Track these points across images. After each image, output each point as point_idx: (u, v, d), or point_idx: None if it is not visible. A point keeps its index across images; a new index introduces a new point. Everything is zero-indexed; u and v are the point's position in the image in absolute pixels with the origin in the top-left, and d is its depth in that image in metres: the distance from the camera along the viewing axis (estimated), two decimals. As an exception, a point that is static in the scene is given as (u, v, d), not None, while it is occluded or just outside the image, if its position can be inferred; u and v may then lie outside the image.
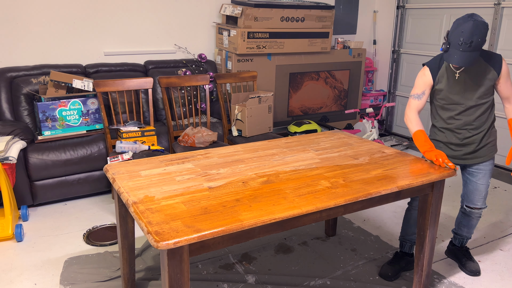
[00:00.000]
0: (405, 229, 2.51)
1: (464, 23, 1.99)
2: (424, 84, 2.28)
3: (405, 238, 2.54)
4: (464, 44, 1.99)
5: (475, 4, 4.20)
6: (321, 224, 3.09)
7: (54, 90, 3.37)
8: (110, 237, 2.87)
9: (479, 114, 2.26)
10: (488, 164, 2.37)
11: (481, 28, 1.98)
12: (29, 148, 3.11)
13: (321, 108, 4.86)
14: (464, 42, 1.98)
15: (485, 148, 2.33)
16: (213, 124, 3.80)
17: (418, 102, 2.28)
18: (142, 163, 2.14)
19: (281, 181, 1.93)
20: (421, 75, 2.30)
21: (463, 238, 2.63)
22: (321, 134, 2.71)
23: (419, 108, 2.28)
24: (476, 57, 2.02)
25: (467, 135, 2.30)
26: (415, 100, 2.29)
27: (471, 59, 2.02)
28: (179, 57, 4.28)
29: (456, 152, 2.36)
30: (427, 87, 2.28)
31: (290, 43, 4.28)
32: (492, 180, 3.99)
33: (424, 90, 2.28)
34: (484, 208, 2.61)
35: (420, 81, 2.29)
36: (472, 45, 1.99)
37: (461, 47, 2.00)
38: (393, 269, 2.49)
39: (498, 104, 4.13)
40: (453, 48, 2.04)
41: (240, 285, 2.39)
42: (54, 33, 3.70)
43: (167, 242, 1.42)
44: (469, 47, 1.99)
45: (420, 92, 2.28)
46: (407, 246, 2.54)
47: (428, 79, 2.27)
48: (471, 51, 2.00)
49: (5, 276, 2.44)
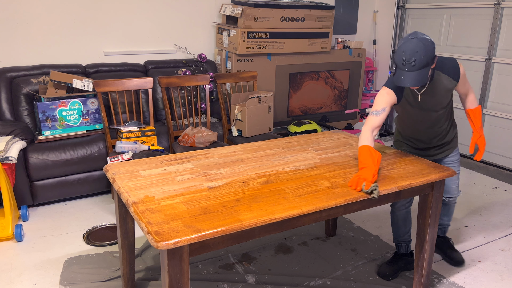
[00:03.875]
0: (396, 231, 2.53)
1: (406, 42, 1.94)
2: (386, 102, 2.13)
3: (398, 240, 2.55)
4: (408, 64, 1.92)
5: (475, 4, 4.21)
6: (321, 224, 3.09)
7: (54, 90, 3.36)
8: (110, 237, 2.87)
9: (443, 119, 2.30)
10: (455, 154, 2.46)
11: (422, 46, 1.90)
12: (29, 148, 3.11)
13: (321, 108, 4.85)
14: (407, 61, 1.92)
15: (450, 141, 2.41)
16: (213, 124, 3.80)
17: (376, 119, 2.11)
18: (142, 163, 2.14)
19: (281, 181, 1.93)
20: (383, 94, 2.15)
21: (444, 227, 2.71)
22: (321, 134, 2.71)
23: (376, 125, 2.10)
24: (425, 75, 1.93)
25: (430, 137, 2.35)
26: (373, 116, 2.12)
27: (419, 78, 1.93)
28: (179, 57, 4.28)
29: (424, 151, 2.43)
30: (388, 105, 2.13)
31: (290, 43, 4.28)
32: (492, 180, 4.00)
33: (385, 107, 2.12)
34: (459, 194, 2.83)
35: (382, 98, 2.14)
36: (416, 64, 1.91)
37: (406, 67, 1.93)
38: (391, 269, 2.49)
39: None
40: (398, 70, 1.98)
41: (240, 285, 2.39)
42: (54, 33, 3.70)
43: (167, 242, 1.42)
44: (413, 66, 1.92)
45: (380, 108, 2.12)
46: (402, 246, 2.55)
47: (392, 98, 2.14)
48: (416, 70, 1.92)
49: (5, 276, 2.44)
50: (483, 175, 4.13)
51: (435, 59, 1.99)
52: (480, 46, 4.23)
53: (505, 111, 4.08)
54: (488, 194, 3.70)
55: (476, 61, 4.28)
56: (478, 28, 4.23)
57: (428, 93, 2.17)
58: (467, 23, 4.34)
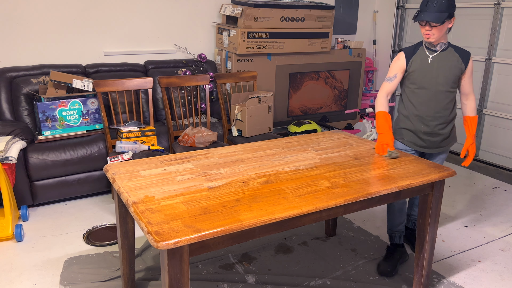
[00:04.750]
0: (391, 221, 2.58)
1: None
2: (397, 68, 2.43)
3: (393, 231, 2.60)
4: (430, 5, 2.21)
5: (475, 4, 4.21)
6: (321, 224, 3.09)
7: (54, 90, 3.36)
8: (110, 237, 2.87)
9: (447, 102, 2.41)
10: (445, 156, 2.58)
11: None
12: (29, 148, 3.11)
13: (321, 108, 4.86)
14: (430, 2, 2.21)
15: (448, 139, 2.51)
16: (213, 124, 3.80)
17: (389, 85, 2.44)
18: (142, 163, 2.14)
19: (281, 181, 1.93)
20: (395, 60, 2.46)
21: (416, 219, 2.77)
22: (321, 134, 2.71)
23: (389, 91, 2.44)
24: (441, 17, 2.20)
25: (435, 123, 2.43)
26: (386, 82, 2.45)
27: (436, 17, 2.20)
28: (179, 57, 4.28)
29: (422, 141, 2.48)
30: (399, 71, 2.43)
31: (290, 43, 4.28)
32: (492, 180, 4.00)
33: (397, 73, 2.44)
34: None
35: (394, 65, 2.45)
36: (437, 5, 2.20)
37: (427, 8, 2.22)
38: (390, 264, 2.51)
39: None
40: (420, 13, 2.26)
41: (240, 285, 2.39)
42: (54, 33, 3.70)
43: (167, 242, 1.42)
44: (434, 6, 2.20)
45: (393, 75, 2.44)
46: (396, 237, 2.60)
47: (402, 63, 2.42)
48: (436, 11, 2.20)
49: (5, 276, 2.44)
50: (483, 175, 4.13)
51: (453, 19, 2.28)
52: (480, 46, 4.23)
53: (505, 111, 4.08)
54: (488, 194, 3.70)
55: (476, 61, 4.28)
56: (478, 28, 4.23)
57: (440, 59, 2.37)
58: (467, 23, 4.34)
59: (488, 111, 4.20)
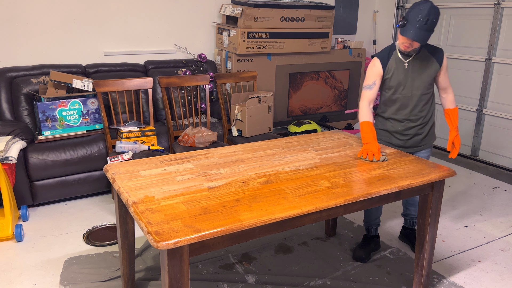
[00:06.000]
0: (368, 216, 2.71)
1: (423, 3, 2.17)
2: (375, 74, 2.41)
3: (370, 224, 2.73)
4: (421, 21, 2.14)
5: (475, 4, 4.20)
6: (321, 224, 3.09)
7: (54, 90, 3.36)
8: (110, 237, 2.87)
9: (423, 104, 2.45)
10: (428, 150, 2.61)
11: (436, 12, 2.16)
12: (29, 148, 3.11)
13: (321, 108, 4.86)
14: (422, 18, 2.14)
15: (427, 137, 2.55)
16: (213, 124, 3.80)
17: (369, 92, 2.41)
18: (142, 163, 2.14)
19: (281, 181, 1.93)
20: (371, 66, 2.43)
21: (413, 218, 2.82)
22: (321, 134, 2.71)
23: (371, 98, 2.40)
24: (427, 37, 2.18)
25: (412, 125, 2.47)
26: (366, 90, 2.42)
27: (424, 37, 2.17)
28: (179, 57, 4.28)
29: (401, 141, 2.53)
30: (377, 77, 2.41)
31: (290, 43, 4.28)
32: (492, 180, 4.00)
33: (375, 80, 2.41)
34: None
35: (371, 71, 2.43)
36: (428, 24, 2.14)
37: (418, 24, 2.15)
38: (365, 252, 2.66)
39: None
40: (409, 24, 2.19)
41: (240, 285, 2.39)
42: (54, 33, 3.70)
43: (167, 242, 1.42)
44: (425, 24, 2.15)
45: (371, 82, 2.41)
46: (373, 229, 2.75)
47: (379, 69, 2.40)
48: (426, 30, 2.16)
49: (5, 276, 2.44)
50: (483, 175, 4.13)
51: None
52: (480, 46, 4.23)
53: (505, 111, 4.08)
54: (488, 194, 3.70)
55: (476, 61, 4.28)
56: (478, 28, 4.23)
57: (415, 63, 2.38)
58: (467, 23, 4.34)
59: (488, 111, 4.20)
